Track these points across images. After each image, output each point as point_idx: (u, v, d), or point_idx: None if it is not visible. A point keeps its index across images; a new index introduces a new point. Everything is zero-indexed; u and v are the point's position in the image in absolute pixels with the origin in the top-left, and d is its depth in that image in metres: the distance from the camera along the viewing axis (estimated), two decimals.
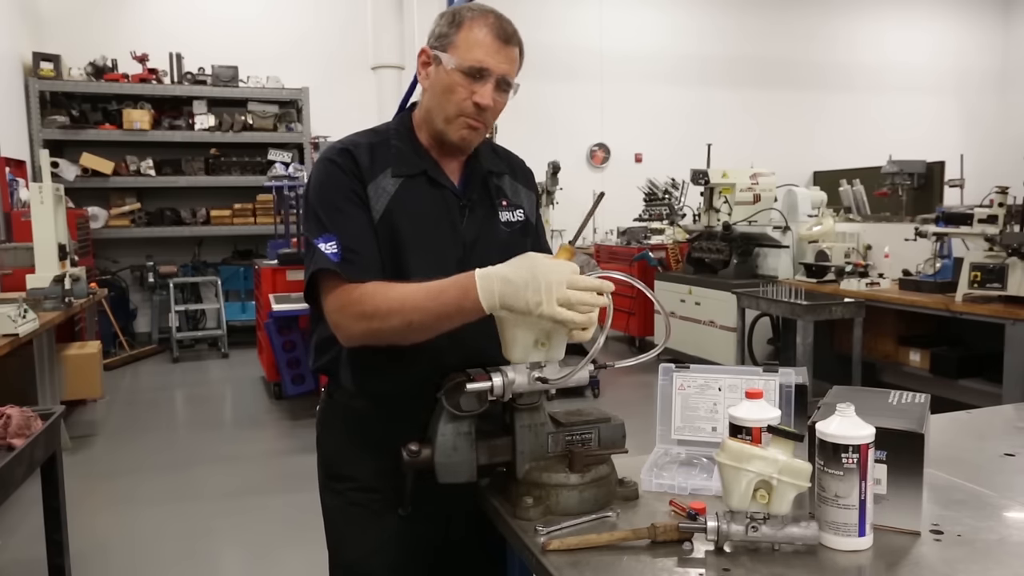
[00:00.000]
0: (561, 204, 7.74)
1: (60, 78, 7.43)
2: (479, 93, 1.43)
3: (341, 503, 1.54)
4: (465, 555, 1.57)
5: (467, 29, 1.43)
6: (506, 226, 1.57)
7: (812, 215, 6.14)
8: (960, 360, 4.84)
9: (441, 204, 1.50)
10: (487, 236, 1.53)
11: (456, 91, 1.44)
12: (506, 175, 1.62)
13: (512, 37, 1.45)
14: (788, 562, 1.18)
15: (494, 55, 1.43)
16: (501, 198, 1.58)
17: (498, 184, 1.59)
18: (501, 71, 1.44)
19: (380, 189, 1.46)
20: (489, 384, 1.32)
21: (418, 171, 1.49)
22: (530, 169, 1.71)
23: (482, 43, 1.42)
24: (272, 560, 3.39)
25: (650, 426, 1.65)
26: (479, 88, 1.43)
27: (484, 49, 1.42)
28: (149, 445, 4.97)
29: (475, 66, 1.42)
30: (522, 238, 1.59)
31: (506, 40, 1.44)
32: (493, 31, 1.43)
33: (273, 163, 7.84)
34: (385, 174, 1.47)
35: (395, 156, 1.49)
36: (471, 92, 1.43)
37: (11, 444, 2.12)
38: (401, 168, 1.49)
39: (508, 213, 1.58)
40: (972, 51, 11.33)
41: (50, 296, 4.55)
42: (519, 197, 1.62)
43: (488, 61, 1.42)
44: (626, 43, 9.85)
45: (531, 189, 1.67)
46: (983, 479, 1.50)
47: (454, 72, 1.43)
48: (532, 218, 1.64)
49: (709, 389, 1.62)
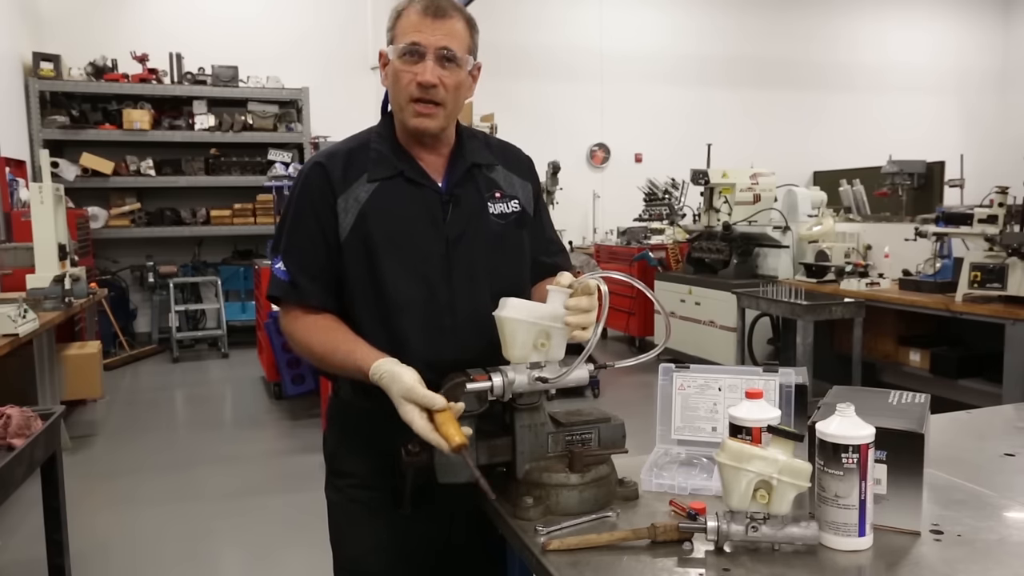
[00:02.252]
0: (561, 204, 7.74)
1: (60, 78, 7.42)
2: (419, 72, 1.44)
3: (342, 499, 1.56)
4: (465, 555, 1.57)
5: (402, 17, 1.47)
6: (498, 218, 1.56)
7: (812, 215, 6.14)
8: (960, 360, 4.84)
9: (421, 203, 1.50)
10: (474, 231, 1.52)
11: (401, 77, 1.46)
12: (499, 166, 1.61)
13: (444, 10, 1.45)
14: (788, 562, 1.18)
15: (425, 30, 1.44)
16: (493, 190, 1.57)
17: (489, 176, 1.58)
18: (436, 44, 1.44)
19: (352, 200, 1.48)
20: (489, 384, 1.32)
21: (394, 172, 1.50)
22: (528, 158, 1.69)
23: (413, 23, 1.44)
24: (272, 560, 3.39)
25: (650, 426, 1.65)
26: (419, 68, 1.44)
27: (414, 28, 1.44)
28: (149, 445, 4.97)
29: (408, 46, 1.44)
30: (517, 229, 1.58)
31: (435, 13, 1.44)
32: (421, 8, 1.45)
33: (273, 163, 7.84)
34: (360, 181, 1.49)
35: (372, 160, 1.51)
36: (414, 74, 1.44)
37: (11, 444, 2.12)
38: (377, 172, 1.50)
39: (501, 204, 1.57)
40: (972, 51, 11.33)
41: (50, 296, 4.55)
42: (514, 188, 1.60)
43: (419, 37, 1.43)
44: (626, 43, 9.85)
45: (528, 179, 1.65)
46: (983, 479, 1.50)
47: (396, 61, 1.46)
48: (529, 208, 1.62)
49: (709, 389, 1.62)
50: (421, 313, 1.47)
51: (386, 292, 1.47)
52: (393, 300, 1.47)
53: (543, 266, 1.64)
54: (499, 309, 1.37)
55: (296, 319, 1.50)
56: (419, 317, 1.47)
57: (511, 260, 1.57)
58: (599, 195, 9.68)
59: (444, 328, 1.48)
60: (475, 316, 1.47)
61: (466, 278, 1.50)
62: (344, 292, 1.51)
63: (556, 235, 1.74)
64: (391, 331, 1.46)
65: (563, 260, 1.70)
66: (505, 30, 9.02)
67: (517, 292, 1.47)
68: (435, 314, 1.48)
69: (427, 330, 1.47)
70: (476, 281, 1.51)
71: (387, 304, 1.47)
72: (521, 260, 1.60)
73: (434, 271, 1.49)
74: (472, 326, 1.48)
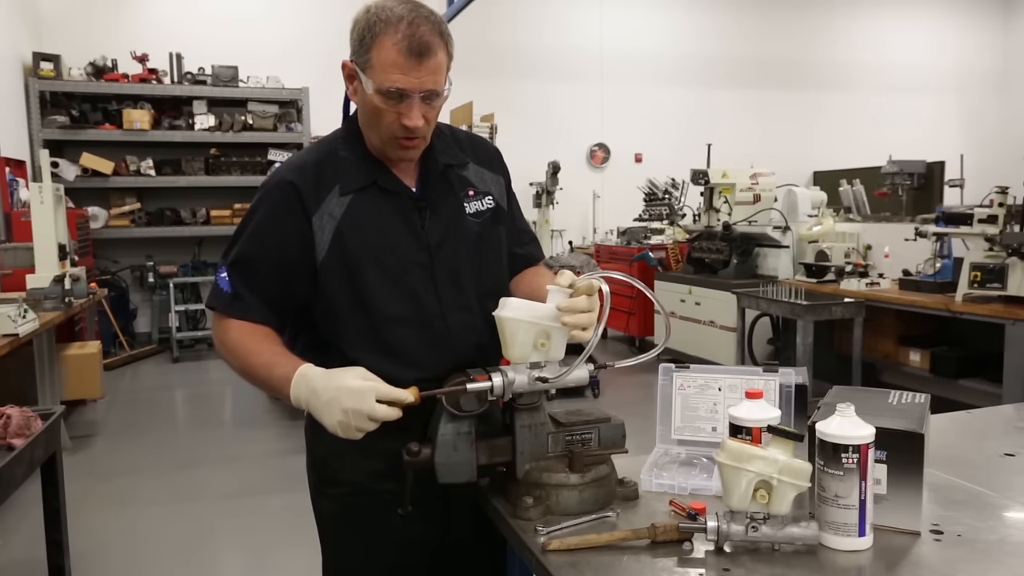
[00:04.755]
0: (561, 204, 7.75)
1: (60, 78, 7.42)
2: (405, 115, 1.36)
3: (336, 507, 1.52)
4: (465, 555, 1.57)
5: (378, 48, 1.33)
6: (475, 217, 1.53)
7: (812, 215, 6.14)
8: (960, 360, 4.84)
9: (398, 212, 1.46)
10: (453, 235, 1.49)
11: (383, 115, 1.37)
12: (469, 163, 1.56)
13: (428, 47, 1.33)
14: (788, 562, 1.18)
15: (409, 74, 1.33)
16: (466, 188, 1.53)
17: (461, 174, 1.54)
18: (421, 87, 1.34)
19: (326, 216, 1.42)
20: (489, 384, 1.32)
21: (368, 182, 1.45)
22: (496, 149, 1.65)
23: (395, 63, 1.32)
24: (272, 560, 3.39)
25: (650, 426, 1.65)
26: (404, 110, 1.36)
27: (398, 69, 1.32)
28: (149, 445, 4.97)
29: (392, 89, 1.34)
30: (494, 226, 1.56)
31: (420, 54, 1.32)
32: (404, 47, 1.32)
33: (273, 163, 7.84)
34: (333, 193, 1.43)
35: (343, 170, 1.45)
36: (398, 114, 1.36)
37: (11, 444, 2.12)
38: (349, 183, 1.44)
39: (476, 203, 1.53)
40: (972, 51, 11.33)
41: (50, 296, 4.55)
42: (486, 184, 1.57)
43: (404, 81, 1.33)
44: (626, 43, 9.85)
45: (498, 172, 1.61)
46: (983, 479, 1.50)
47: (375, 95, 1.35)
48: (504, 203, 1.59)
49: (709, 389, 1.62)
50: (413, 326, 1.44)
51: (374, 308, 1.43)
52: (382, 316, 1.43)
53: (516, 257, 1.64)
54: (499, 309, 1.36)
55: (230, 327, 1.43)
56: (411, 330, 1.44)
57: (491, 259, 1.55)
58: (599, 195, 9.68)
59: (438, 337, 1.45)
60: (465, 320, 1.47)
61: (451, 284, 1.47)
62: (323, 313, 1.46)
63: (527, 224, 1.73)
64: (385, 347, 1.43)
65: (535, 249, 1.71)
66: (505, 30, 9.02)
67: (499, 290, 1.47)
68: (427, 324, 1.45)
69: (422, 341, 1.44)
70: (461, 285, 1.48)
71: (376, 320, 1.43)
72: (500, 258, 1.58)
73: (419, 281, 1.45)
74: (464, 330, 1.47)
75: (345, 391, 1.26)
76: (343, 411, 1.26)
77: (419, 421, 1.36)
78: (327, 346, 1.46)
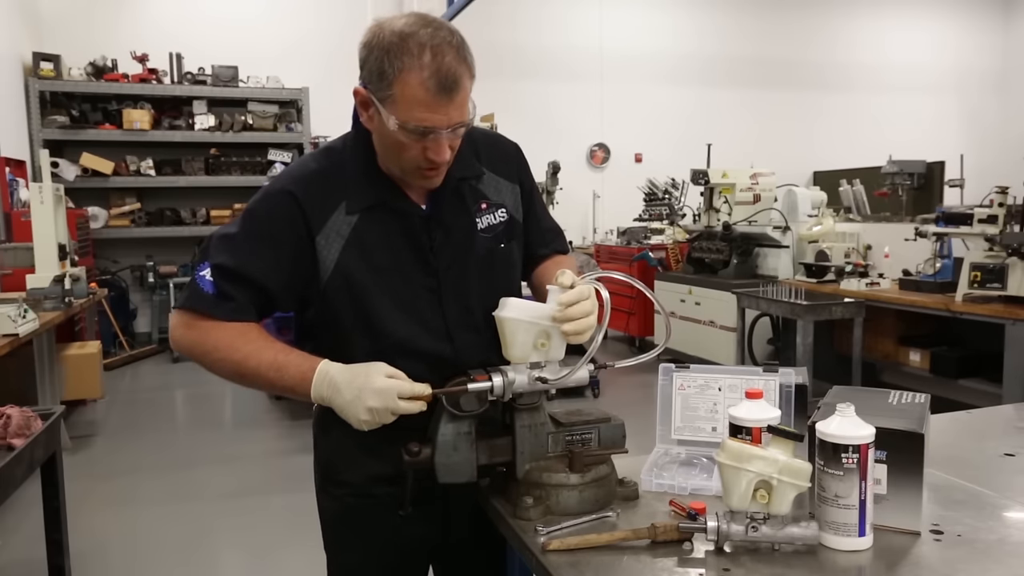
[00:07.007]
0: (561, 204, 7.74)
1: (60, 78, 7.42)
2: (432, 149, 1.30)
3: (338, 507, 1.52)
4: (465, 555, 1.57)
5: (402, 83, 1.24)
6: (486, 232, 1.47)
7: (812, 215, 6.15)
8: (960, 360, 4.84)
9: (406, 233, 1.41)
10: (462, 259, 1.44)
11: (407, 149, 1.30)
12: (484, 173, 1.49)
13: (456, 81, 1.25)
14: (788, 562, 1.18)
15: (438, 111, 1.25)
16: (480, 201, 1.48)
17: (475, 186, 1.48)
18: (450, 122, 1.27)
19: (333, 235, 1.37)
20: (489, 384, 1.32)
21: (376, 201, 1.39)
22: (514, 148, 1.58)
23: (422, 101, 1.24)
24: (272, 560, 3.39)
25: (650, 426, 1.65)
26: (430, 144, 1.29)
27: (426, 108, 1.25)
28: (149, 445, 4.97)
29: (419, 127, 1.26)
30: (506, 242, 1.50)
31: (448, 89, 1.24)
32: (432, 84, 1.23)
33: (273, 163, 7.85)
34: (339, 212, 1.37)
35: (351, 186, 1.39)
36: (423, 148, 1.30)
37: (11, 444, 2.12)
38: (356, 202, 1.38)
39: (489, 216, 1.48)
40: (972, 51, 11.33)
41: (50, 296, 4.55)
42: (500, 195, 1.51)
43: (432, 120, 1.26)
44: (626, 43, 9.85)
45: (514, 179, 1.54)
46: (983, 479, 1.50)
47: (399, 132, 1.27)
48: (518, 213, 1.53)
49: (709, 389, 1.62)
50: (419, 348, 1.41)
51: (381, 333, 1.39)
52: (390, 339, 1.39)
53: (540, 258, 1.62)
54: (499, 309, 1.36)
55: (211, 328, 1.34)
56: (419, 352, 1.41)
57: (501, 277, 1.50)
58: (599, 195, 9.68)
59: (446, 357, 1.43)
60: (472, 340, 1.45)
61: (459, 306, 1.44)
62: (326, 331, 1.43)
63: (552, 222, 1.67)
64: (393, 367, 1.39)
65: (560, 244, 1.67)
66: (505, 30, 9.02)
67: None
68: (434, 345, 1.42)
69: (429, 363, 1.40)
70: (469, 307, 1.45)
71: (383, 344, 1.39)
72: (511, 275, 1.53)
73: (426, 305, 1.42)
74: (471, 348, 1.45)
75: (369, 391, 1.27)
76: (368, 410, 1.27)
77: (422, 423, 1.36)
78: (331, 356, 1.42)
